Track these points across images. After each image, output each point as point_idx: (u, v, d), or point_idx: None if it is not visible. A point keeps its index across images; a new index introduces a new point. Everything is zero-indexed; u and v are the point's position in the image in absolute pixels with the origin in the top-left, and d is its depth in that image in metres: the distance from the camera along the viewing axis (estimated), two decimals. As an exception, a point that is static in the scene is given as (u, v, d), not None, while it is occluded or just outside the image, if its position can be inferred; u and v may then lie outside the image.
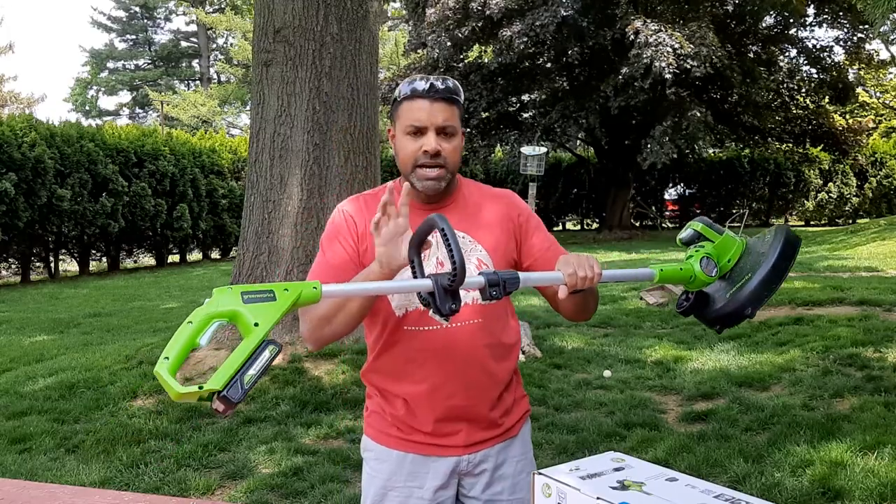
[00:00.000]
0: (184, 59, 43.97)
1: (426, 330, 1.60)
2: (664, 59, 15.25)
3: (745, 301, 1.46)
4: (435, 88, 1.56)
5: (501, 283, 1.33)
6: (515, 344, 1.74)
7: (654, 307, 8.22)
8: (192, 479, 3.69)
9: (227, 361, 1.16)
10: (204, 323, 1.18)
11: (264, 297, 1.22)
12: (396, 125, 1.62)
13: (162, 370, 1.12)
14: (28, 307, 10.71)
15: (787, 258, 1.46)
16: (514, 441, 1.72)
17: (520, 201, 1.76)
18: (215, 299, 1.21)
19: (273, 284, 1.24)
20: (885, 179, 24.35)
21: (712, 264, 1.50)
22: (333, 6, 5.75)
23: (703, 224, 1.55)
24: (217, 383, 1.13)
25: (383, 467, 1.69)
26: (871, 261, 10.47)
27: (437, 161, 1.58)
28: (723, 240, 1.53)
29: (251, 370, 1.17)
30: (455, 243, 1.26)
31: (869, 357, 5.26)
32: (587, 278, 1.39)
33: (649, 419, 4.37)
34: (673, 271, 1.50)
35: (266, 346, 1.19)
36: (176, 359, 1.14)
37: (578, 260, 1.42)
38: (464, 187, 1.72)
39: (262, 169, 5.80)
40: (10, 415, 4.76)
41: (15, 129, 12.70)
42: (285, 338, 5.57)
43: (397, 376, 1.65)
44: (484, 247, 1.64)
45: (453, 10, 17.49)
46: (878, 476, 3.28)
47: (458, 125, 1.60)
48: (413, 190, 1.62)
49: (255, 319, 1.19)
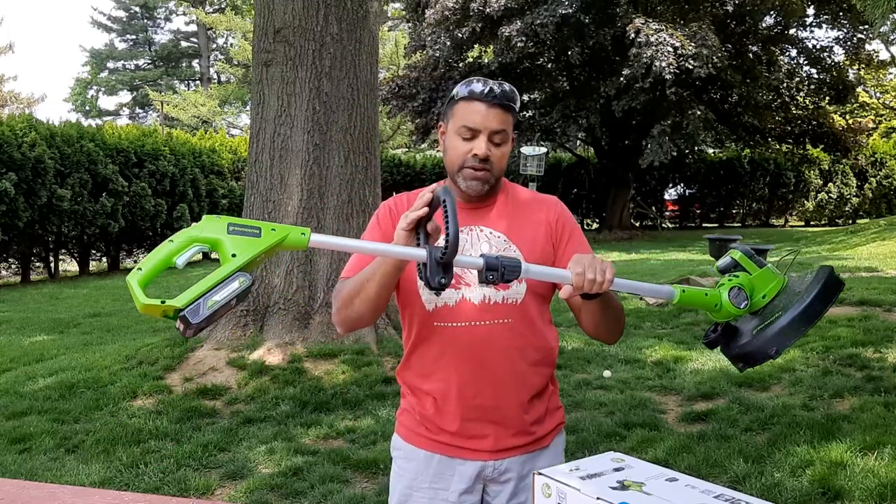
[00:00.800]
0: (184, 59, 43.97)
1: (456, 326, 1.60)
2: (665, 59, 15.25)
3: (771, 340, 1.35)
4: (493, 93, 1.56)
5: (501, 269, 1.29)
6: (551, 350, 1.70)
7: (654, 307, 8.22)
8: (192, 479, 3.69)
9: (196, 284, 1.17)
10: (184, 245, 1.19)
11: (249, 232, 1.22)
12: (450, 124, 1.62)
13: (133, 280, 1.15)
14: (28, 307, 10.71)
15: (824, 301, 1.35)
16: (543, 452, 1.69)
17: (563, 209, 1.73)
18: (202, 224, 1.21)
19: (264, 223, 1.24)
20: (884, 179, 24.36)
21: (743, 296, 1.40)
22: (333, 6, 5.75)
23: (743, 253, 1.44)
24: (180, 301, 1.15)
25: (410, 466, 1.69)
26: (871, 261, 10.48)
27: (485, 166, 1.59)
28: (761, 273, 1.43)
29: (216, 296, 1.17)
30: (453, 216, 1.25)
31: (869, 357, 5.26)
32: (595, 282, 1.35)
33: (649, 419, 4.37)
34: (696, 295, 1.41)
35: (237, 277, 1.19)
36: (149, 272, 1.16)
37: (591, 261, 1.37)
38: (508, 189, 1.71)
39: (262, 169, 5.80)
40: (10, 415, 4.76)
41: (15, 129, 12.69)
42: (286, 337, 5.58)
43: (427, 373, 1.65)
44: (520, 248, 1.63)
45: (452, 9, 17.49)
46: (877, 476, 3.28)
47: (511, 132, 1.61)
48: (457, 188, 1.64)
49: (233, 250, 1.20)
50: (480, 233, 1.64)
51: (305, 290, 5.74)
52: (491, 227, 1.65)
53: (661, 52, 15.31)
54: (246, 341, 5.58)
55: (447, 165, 1.64)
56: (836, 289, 1.37)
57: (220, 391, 5.03)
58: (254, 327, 5.69)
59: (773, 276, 1.43)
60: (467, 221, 1.63)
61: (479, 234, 1.63)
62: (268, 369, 5.25)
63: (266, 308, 5.74)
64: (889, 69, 25.46)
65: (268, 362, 5.34)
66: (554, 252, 1.67)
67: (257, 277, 5.75)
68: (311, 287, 5.77)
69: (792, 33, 20.52)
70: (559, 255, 1.66)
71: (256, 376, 5.17)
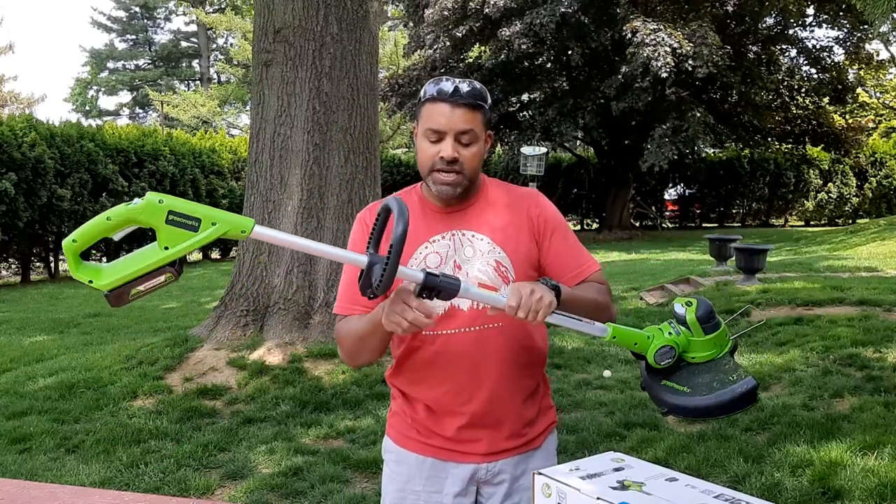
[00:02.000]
0: (184, 59, 43.96)
1: (445, 333, 1.58)
2: (662, 59, 15.26)
3: (667, 403, 1.43)
4: (459, 93, 1.53)
5: (435, 289, 1.29)
6: (540, 351, 1.69)
7: (653, 307, 8.23)
8: (192, 479, 3.69)
9: (123, 265, 1.21)
10: (121, 223, 1.21)
11: (187, 225, 1.22)
12: (418, 126, 1.60)
13: (67, 249, 1.20)
14: (28, 307, 10.71)
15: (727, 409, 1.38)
16: (536, 452, 1.69)
17: (543, 201, 1.70)
18: (143, 206, 1.20)
19: (206, 213, 1.23)
20: (884, 179, 24.37)
21: (669, 356, 1.42)
22: (333, 6, 5.75)
23: (698, 316, 1.42)
24: (105, 285, 1.20)
25: (402, 469, 1.69)
26: (870, 261, 10.47)
27: (454, 168, 1.55)
28: (703, 340, 1.43)
29: (141, 287, 1.22)
30: (397, 252, 1.22)
31: (869, 357, 5.26)
32: (525, 320, 1.35)
33: (649, 419, 4.37)
34: (627, 339, 1.43)
35: (164, 271, 1.21)
36: (81, 243, 1.20)
37: (528, 298, 1.35)
38: (488, 188, 1.68)
39: (262, 169, 5.80)
40: (10, 415, 4.76)
41: (15, 129, 12.69)
42: (286, 337, 5.58)
43: (418, 380, 1.64)
44: (504, 249, 1.61)
45: (451, 10, 17.49)
46: (877, 476, 3.28)
47: (481, 131, 1.57)
48: (430, 192, 1.62)
49: (167, 242, 1.21)
50: (463, 237, 1.61)
51: (305, 290, 5.74)
52: (473, 230, 1.62)
53: (659, 51, 15.32)
54: (246, 341, 5.58)
55: (420, 169, 1.61)
56: (744, 405, 1.39)
57: (221, 391, 5.03)
58: (254, 327, 5.69)
59: (712, 346, 1.43)
60: (449, 226, 1.62)
61: (462, 239, 1.61)
62: (268, 369, 5.25)
63: (266, 308, 5.74)
64: (889, 69, 25.45)
65: (268, 362, 5.34)
66: (538, 249, 1.64)
67: (257, 278, 5.75)
68: (311, 287, 5.76)
69: (792, 33, 20.53)
70: (544, 252, 1.64)
71: (256, 376, 5.17)
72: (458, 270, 1.58)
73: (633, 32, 15.76)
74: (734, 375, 1.40)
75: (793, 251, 14.14)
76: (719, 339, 1.44)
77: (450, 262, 1.59)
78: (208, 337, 5.68)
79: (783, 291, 7.40)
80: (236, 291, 5.81)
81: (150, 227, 1.22)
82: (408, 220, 1.25)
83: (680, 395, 1.40)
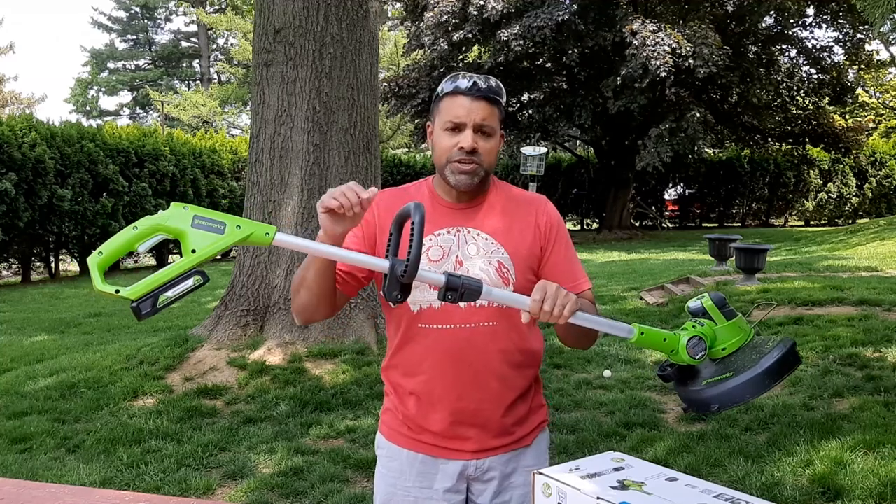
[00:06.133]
0: (184, 59, 43.95)
1: (441, 328, 1.60)
2: (660, 59, 15.26)
3: (715, 398, 1.37)
4: (477, 87, 1.56)
5: (460, 290, 1.29)
6: (536, 352, 1.70)
7: (653, 307, 8.23)
8: (193, 478, 3.69)
9: (151, 277, 1.20)
10: (148, 232, 1.21)
11: (213, 227, 1.23)
12: (436, 121, 1.61)
13: (92, 263, 1.18)
14: (28, 307, 10.71)
15: (776, 375, 1.35)
16: (526, 451, 1.70)
17: (551, 209, 1.71)
18: (168, 213, 1.22)
19: (230, 217, 1.24)
20: (884, 179, 24.37)
21: (701, 347, 1.40)
22: (333, 6, 5.75)
23: (714, 302, 1.44)
24: (133, 294, 1.18)
25: (393, 465, 1.70)
26: (870, 261, 10.47)
27: (473, 158, 1.57)
28: (727, 325, 1.42)
29: (168, 293, 1.21)
30: (419, 237, 1.24)
31: (869, 357, 5.26)
32: (550, 314, 1.33)
33: (649, 419, 4.37)
34: (654, 337, 1.41)
35: (192, 274, 1.21)
36: (108, 255, 1.19)
37: (555, 293, 1.34)
38: (497, 189, 1.70)
39: (262, 169, 5.81)
40: (10, 415, 4.76)
41: (15, 130, 12.69)
42: (286, 337, 5.58)
43: (411, 372, 1.65)
44: (507, 250, 1.62)
45: (451, 13, 17.49)
46: (877, 475, 3.28)
47: (497, 126, 1.60)
48: (445, 186, 1.63)
49: (194, 245, 1.21)
50: (468, 234, 1.63)
51: (306, 290, 5.74)
52: (479, 228, 1.63)
53: (657, 52, 15.32)
54: (246, 341, 5.58)
55: (435, 163, 1.63)
56: (791, 365, 1.37)
57: (221, 391, 5.04)
58: (254, 327, 5.69)
59: (738, 330, 1.43)
60: (456, 222, 1.63)
61: (467, 236, 1.62)
62: (268, 369, 5.26)
63: (266, 308, 5.75)
64: (889, 69, 25.46)
65: (268, 362, 5.34)
66: (541, 255, 1.66)
67: (257, 277, 5.75)
68: (311, 287, 5.76)
69: (792, 33, 20.52)
70: (544, 260, 1.66)
71: (257, 376, 5.17)
72: (459, 266, 1.59)
73: (632, 34, 15.76)
74: (770, 343, 1.39)
75: (793, 251, 14.15)
76: (741, 323, 1.44)
77: (451, 258, 1.60)
78: (209, 337, 5.69)
79: (783, 291, 7.40)
80: (237, 291, 5.81)
81: (176, 237, 1.22)
82: (424, 212, 1.27)
83: (727, 382, 1.37)
